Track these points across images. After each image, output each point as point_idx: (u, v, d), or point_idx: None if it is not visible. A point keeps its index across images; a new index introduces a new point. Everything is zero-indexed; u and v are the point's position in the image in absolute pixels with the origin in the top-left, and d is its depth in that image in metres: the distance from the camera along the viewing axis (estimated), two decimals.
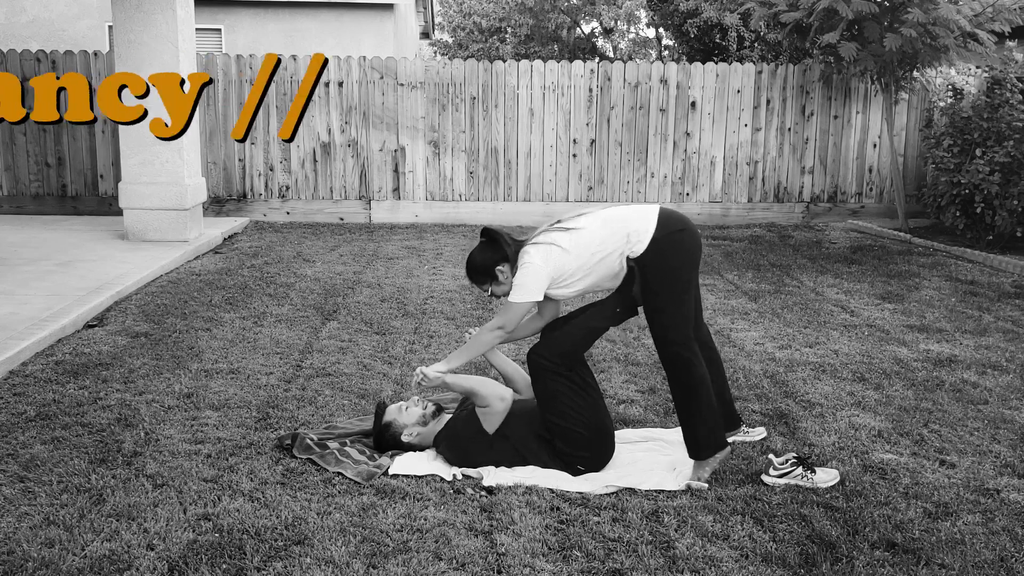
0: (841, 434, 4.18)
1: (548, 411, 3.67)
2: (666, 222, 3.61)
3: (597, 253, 3.62)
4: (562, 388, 3.64)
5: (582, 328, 3.73)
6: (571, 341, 3.70)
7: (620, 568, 2.96)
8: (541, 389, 3.68)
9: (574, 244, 3.63)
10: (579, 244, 3.63)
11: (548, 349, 3.67)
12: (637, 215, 3.65)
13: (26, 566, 2.88)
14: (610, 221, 3.67)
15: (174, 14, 8.35)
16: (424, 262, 8.30)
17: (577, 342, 3.71)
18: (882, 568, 2.99)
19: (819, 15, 9.09)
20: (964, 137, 9.07)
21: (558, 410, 3.64)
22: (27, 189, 10.56)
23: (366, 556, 2.98)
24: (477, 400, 3.67)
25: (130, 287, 6.74)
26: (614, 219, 3.67)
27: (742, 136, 10.89)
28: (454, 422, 3.80)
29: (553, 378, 3.63)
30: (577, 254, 3.62)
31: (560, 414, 3.64)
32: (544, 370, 3.64)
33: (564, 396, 3.63)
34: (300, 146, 10.63)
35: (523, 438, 3.69)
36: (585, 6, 21.78)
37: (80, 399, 4.41)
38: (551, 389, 3.64)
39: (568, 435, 3.65)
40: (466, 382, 3.71)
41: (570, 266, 3.63)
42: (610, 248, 3.61)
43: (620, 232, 3.61)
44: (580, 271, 3.64)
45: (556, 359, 3.64)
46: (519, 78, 10.66)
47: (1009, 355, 5.49)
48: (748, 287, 7.37)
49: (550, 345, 3.69)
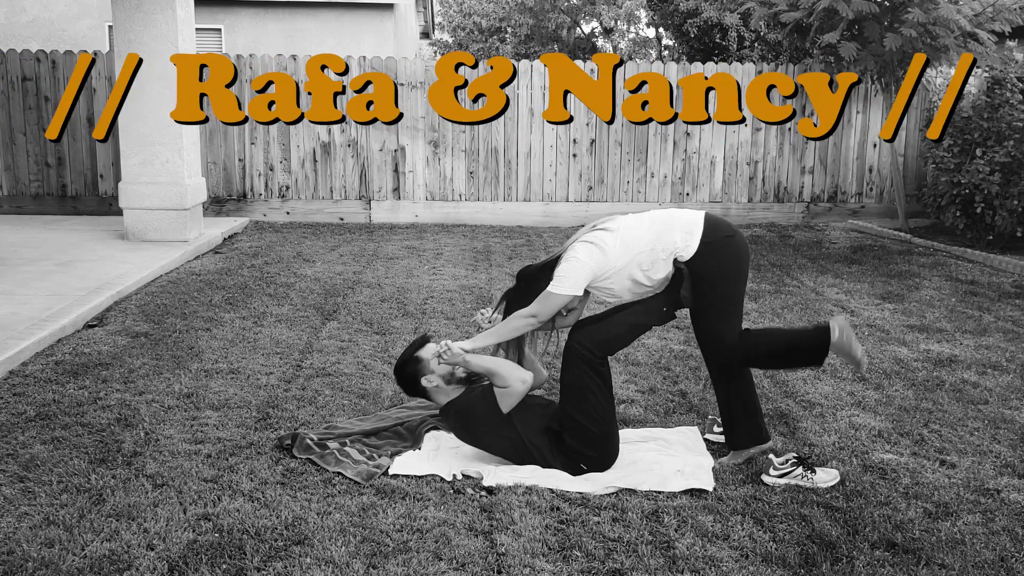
0: (841, 434, 4.18)
1: (570, 404, 3.64)
2: (715, 227, 3.66)
3: (643, 253, 3.62)
4: (593, 386, 3.61)
5: (626, 322, 3.72)
6: (614, 333, 3.69)
7: (620, 568, 2.96)
8: (570, 379, 3.64)
9: (619, 243, 3.64)
10: (625, 243, 3.64)
11: (589, 338, 3.65)
12: (685, 219, 3.68)
13: (26, 566, 2.88)
14: (657, 222, 3.69)
15: (174, 14, 8.35)
16: (424, 262, 8.30)
17: (620, 335, 3.71)
18: (882, 568, 2.99)
19: (819, 15, 9.09)
20: (964, 137, 9.06)
21: (582, 406, 3.61)
22: (27, 189, 10.56)
23: (366, 556, 2.98)
24: (496, 380, 3.65)
25: (130, 287, 6.74)
26: (661, 220, 3.69)
27: (742, 136, 10.89)
28: (467, 395, 3.76)
29: (586, 371, 3.61)
30: (621, 253, 3.63)
31: (582, 410, 3.62)
32: (580, 359, 3.62)
33: (592, 394, 3.61)
34: (300, 146, 10.64)
35: (530, 430, 3.68)
36: (585, 6, 21.77)
37: (80, 399, 4.41)
38: (582, 383, 3.61)
39: (581, 432, 3.63)
40: (487, 362, 3.69)
41: (616, 263, 3.63)
42: (657, 248, 3.63)
43: (667, 234, 3.63)
44: (625, 270, 3.64)
45: (595, 348, 3.63)
46: (519, 78, 10.66)
47: (1009, 355, 5.49)
48: (748, 287, 7.36)
49: (592, 334, 3.66)
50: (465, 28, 24.16)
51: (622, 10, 21.00)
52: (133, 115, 8.48)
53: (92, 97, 10.41)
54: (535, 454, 3.69)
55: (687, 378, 4.96)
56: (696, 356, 5.37)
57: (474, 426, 3.70)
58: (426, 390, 3.80)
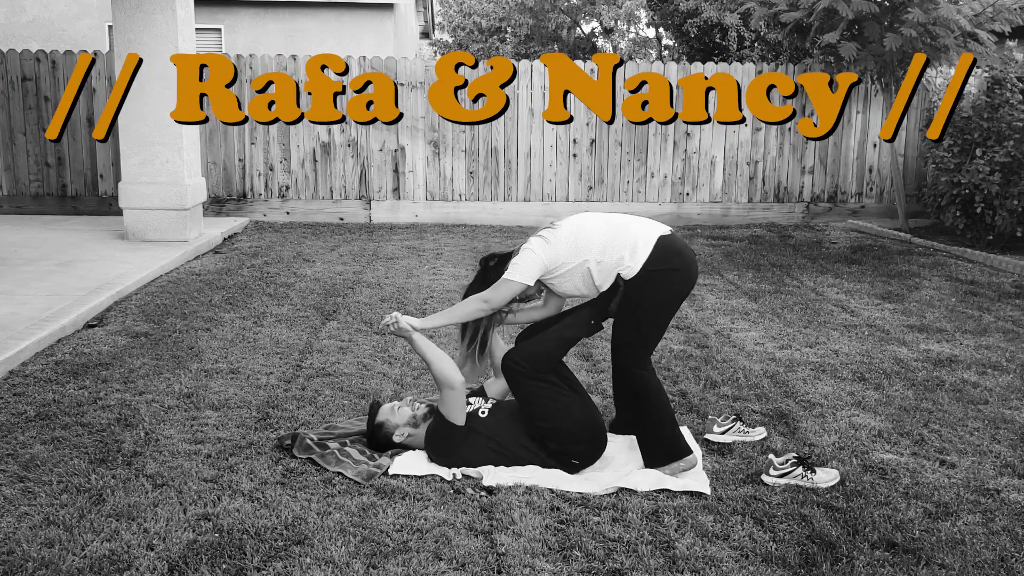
0: (841, 434, 4.18)
1: (532, 415, 3.71)
2: (664, 255, 3.64)
3: (591, 260, 3.66)
4: (537, 390, 3.68)
5: (555, 338, 3.79)
6: (544, 349, 3.75)
7: (620, 568, 2.96)
8: (520, 395, 3.72)
9: (572, 242, 3.68)
10: (576, 244, 3.68)
11: (521, 355, 3.73)
12: (635, 235, 3.67)
13: (26, 566, 2.88)
14: (613, 227, 3.71)
15: (174, 14, 8.35)
16: (424, 262, 8.30)
17: (551, 350, 3.76)
18: (882, 568, 2.99)
19: (819, 15, 9.09)
20: (964, 137, 9.06)
21: (540, 413, 3.69)
22: (27, 189, 10.56)
23: (366, 556, 2.98)
24: (433, 371, 3.68)
25: (130, 287, 6.74)
26: (615, 228, 3.70)
27: (742, 136, 10.89)
28: (432, 422, 3.81)
29: (527, 382, 3.68)
30: (571, 253, 3.67)
31: (542, 416, 3.68)
32: (517, 374, 3.69)
33: (541, 398, 3.67)
34: (300, 146, 10.64)
35: (511, 436, 3.70)
36: (585, 6, 21.77)
37: (80, 399, 4.41)
38: (528, 393, 3.69)
39: (556, 434, 3.68)
40: (427, 349, 3.73)
41: (568, 261, 3.67)
42: (604, 259, 3.66)
43: (614, 246, 3.65)
44: (577, 270, 3.69)
45: (526, 363, 3.69)
46: (519, 78, 10.66)
47: (1009, 355, 5.49)
48: (748, 287, 7.37)
49: (523, 351, 3.75)
50: (465, 28, 24.16)
51: (622, 10, 20.99)
52: (133, 115, 8.47)
53: (92, 97, 10.41)
54: (524, 454, 3.69)
55: (687, 378, 4.97)
56: (696, 356, 5.37)
57: (446, 447, 3.72)
58: (404, 444, 3.84)
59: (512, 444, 3.70)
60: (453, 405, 3.68)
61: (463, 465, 3.68)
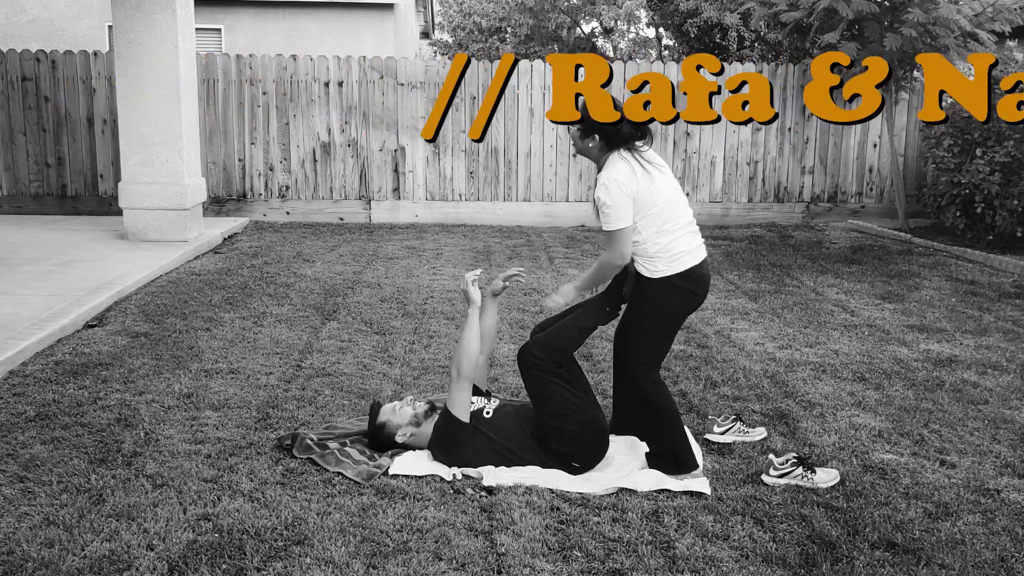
0: (841, 434, 4.18)
1: (543, 411, 3.69)
2: (696, 278, 3.67)
3: (653, 222, 3.62)
4: (555, 388, 3.66)
5: (573, 327, 3.78)
6: (561, 339, 3.74)
7: (620, 568, 2.95)
8: (534, 389, 3.70)
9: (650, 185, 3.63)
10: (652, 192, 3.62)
11: (538, 347, 3.71)
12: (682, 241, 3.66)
13: (26, 566, 2.88)
14: (678, 207, 3.70)
15: (174, 14, 8.35)
16: (424, 262, 8.30)
17: (567, 340, 3.75)
18: (882, 568, 2.99)
19: (819, 15, 9.10)
20: (964, 137, 9.06)
21: (553, 410, 3.66)
22: (27, 189, 10.56)
23: (366, 556, 2.98)
24: (458, 352, 3.74)
25: (130, 287, 6.74)
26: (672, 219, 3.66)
27: (742, 136, 10.89)
28: (438, 420, 3.81)
29: (544, 376, 3.66)
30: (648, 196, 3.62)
31: (554, 414, 3.66)
32: (534, 368, 3.67)
33: (558, 395, 3.66)
34: (300, 146, 10.64)
35: (513, 437, 3.70)
36: (585, 6, 21.78)
37: (80, 399, 4.41)
38: (545, 390, 3.67)
39: (563, 434, 3.66)
40: (471, 329, 3.80)
41: (644, 199, 3.60)
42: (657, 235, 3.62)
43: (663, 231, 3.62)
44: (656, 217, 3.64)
45: (545, 356, 3.67)
46: (519, 78, 10.66)
47: (1009, 355, 5.49)
48: (748, 287, 7.37)
49: (540, 343, 3.73)
50: (465, 28, 24.17)
51: (622, 10, 21.01)
52: (133, 115, 8.48)
53: (92, 97, 10.41)
54: (527, 456, 3.69)
55: (687, 378, 4.96)
56: (696, 356, 5.37)
57: (451, 445, 3.72)
58: (407, 444, 3.84)
59: (515, 445, 3.70)
60: (458, 400, 3.69)
61: (464, 465, 3.68)
